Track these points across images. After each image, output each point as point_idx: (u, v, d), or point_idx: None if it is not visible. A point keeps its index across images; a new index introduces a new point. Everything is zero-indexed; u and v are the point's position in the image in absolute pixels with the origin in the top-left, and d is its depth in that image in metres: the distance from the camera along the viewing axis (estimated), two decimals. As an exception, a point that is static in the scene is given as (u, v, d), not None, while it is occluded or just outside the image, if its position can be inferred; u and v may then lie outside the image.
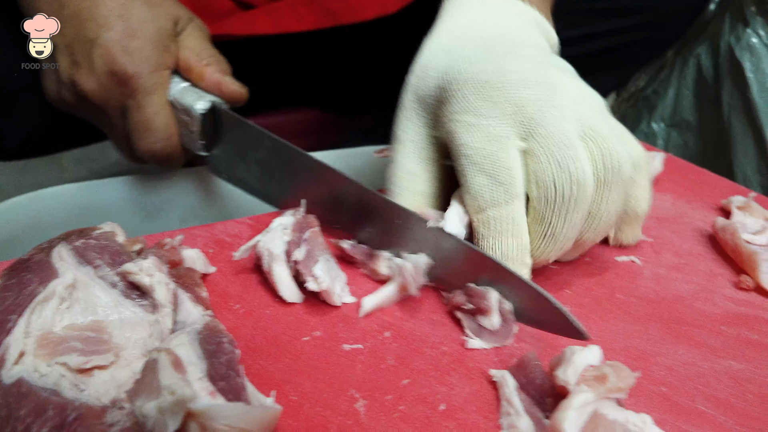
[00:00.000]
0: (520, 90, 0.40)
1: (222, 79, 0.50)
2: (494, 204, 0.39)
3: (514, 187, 0.39)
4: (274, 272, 0.38)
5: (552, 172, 0.38)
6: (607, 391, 0.28)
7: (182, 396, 0.23)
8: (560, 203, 0.39)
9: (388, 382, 0.33)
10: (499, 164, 0.39)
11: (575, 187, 0.38)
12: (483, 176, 0.39)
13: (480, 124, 0.40)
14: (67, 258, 0.34)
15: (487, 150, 0.39)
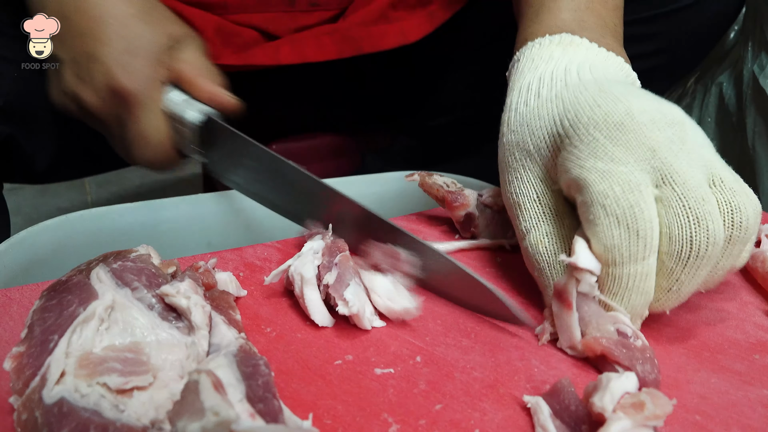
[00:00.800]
0: (653, 132, 0.38)
1: (216, 90, 0.52)
2: (632, 260, 0.36)
3: (653, 241, 0.36)
4: (306, 296, 0.39)
5: (690, 228, 0.36)
6: (644, 419, 0.28)
7: (226, 417, 0.23)
8: (693, 261, 0.36)
9: (421, 406, 0.33)
10: (640, 216, 0.36)
11: (710, 246, 0.36)
12: (621, 229, 0.36)
13: (615, 171, 0.37)
14: (106, 280, 0.34)
15: (627, 200, 0.36)
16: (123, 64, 0.50)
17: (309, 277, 0.39)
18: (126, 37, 0.51)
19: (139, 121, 0.51)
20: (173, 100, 0.52)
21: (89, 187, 1.38)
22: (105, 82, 0.50)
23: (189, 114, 0.51)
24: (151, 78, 0.51)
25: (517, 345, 0.39)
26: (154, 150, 0.53)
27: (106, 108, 0.52)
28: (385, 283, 0.40)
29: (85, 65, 0.51)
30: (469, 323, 0.40)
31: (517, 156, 0.44)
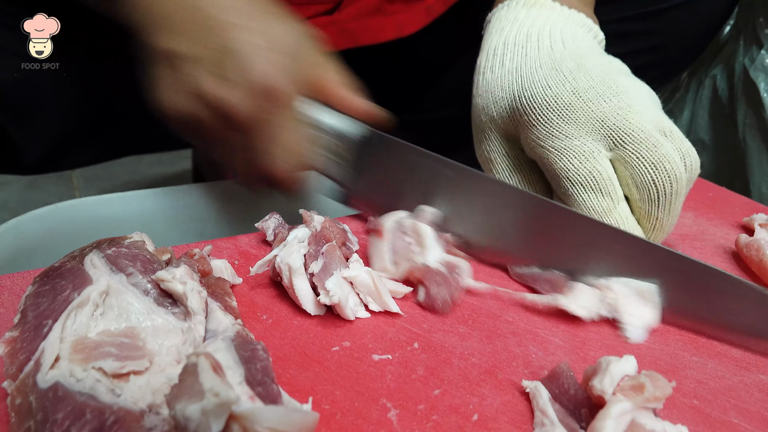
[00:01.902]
0: (599, 105, 0.43)
1: (369, 104, 0.47)
2: (606, 212, 0.43)
3: (617, 192, 0.43)
4: (295, 286, 0.38)
5: (649, 173, 0.42)
6: (644, 401, 0.28)
7: (227, 398, 0.23)
8: (663, 199, 0.42)
9: (419, 392, 0.33)
10: (600, 177, 0.42)
11: (674, 183, 0.42)
12: (588, 192, 0.43)
13: (570, 146, 0.43)
14: (100, 265, 0.34)
15: (585, 168, 0.43)
16: (272, 62, 0.43)
17: (297, 267, 0.38)
18: (265, 31, 0.44)
19: (284, 127, 0.44)
20: (314, 110, 0.46)
21: (77, 181, 1.36)
22: (250, 79, 0.42)
23: (353, 128, 0.46)
24: (297, 80, 0.44)
25: (514, 332, 0.38)
26: (293, 161, 0.46)
27: (250, 110, 0.43)
28: (366, 278, 0.38)
29: (223, 61, 0.43)
30: (466, 310, 0.40)
31: (484, 119, 0.48)
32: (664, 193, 0.42)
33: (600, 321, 0.40)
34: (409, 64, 0.84)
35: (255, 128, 0.44)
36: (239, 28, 0.43)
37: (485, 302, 0.41)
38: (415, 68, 0.86)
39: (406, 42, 0.73)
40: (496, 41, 0.48)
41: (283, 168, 0.46)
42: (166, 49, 0.44)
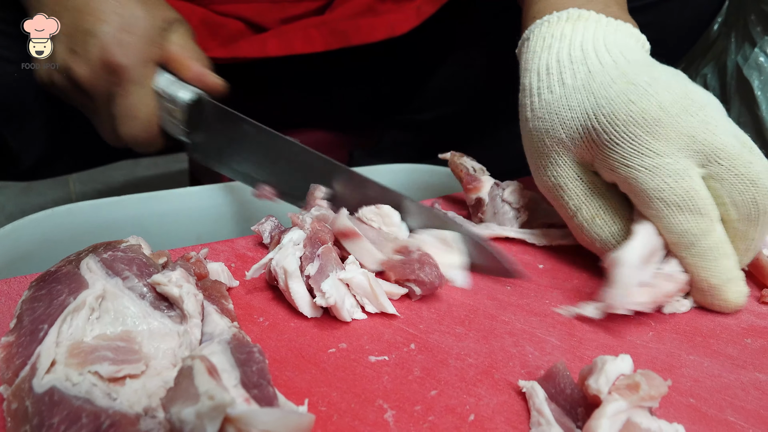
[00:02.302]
0: (687, 120, 0.40)
1: (204, 71, 0.54)
2: (704, 235, 0.40)
3: (714, 213, 0.40)
4: (292, 289, 0.38)
5: (750, 191, 0.40)
6: (639, 400, 0.28)
7: (221, 401, 0.23)
8: (762, 218, 0.40)
9: (416, 393, 0.33)
10: (697, 197, 0.40)
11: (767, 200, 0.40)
12: (684, 214, 0.40)
13: (663, 164, 0.40)
14: (96, 269, 0.34)
15: (680, 187, 0.39)
16: (119, 41, 0.51)
17: (292, 270, 0.38)
18: (123, 15, 0.51)
19: (129, 96, 0.52)
20: (163, 80, 0.53)
21: (73, 185, 1.36)
22: (99, 56, 0.51)
23: (179, 92, 0.52)
24: (144, 56, 0.52)
25: (511, 332, 0.39)
26: (141, 126, 0.54)
27: (98, 82, 0.52)
28: (362, 280, 0.39)
29: (81, 39, 0.51)
30: (462, 311, 0.40)
31: (548, 143, 0.45)
32: (765, 212, 0.40)
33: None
34: (401, 64, 0.84)
35: (104, 98, 0.53)
36: (97, 11, 0.51)
37: (482, 302, 0.42)
38: (407, 68, 0.86)
39: (397, 42, 0.73)
40: (547, 59, 0.46)
41: (133, 131, 0.54)
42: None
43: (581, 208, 0.45)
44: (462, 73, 0.86)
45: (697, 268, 0.41)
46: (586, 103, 0.43)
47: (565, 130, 0.44)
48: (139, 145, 0.55)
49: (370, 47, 0.72)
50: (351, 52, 0.73)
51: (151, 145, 0.56)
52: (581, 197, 0.45)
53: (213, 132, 0.54)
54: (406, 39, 0.73)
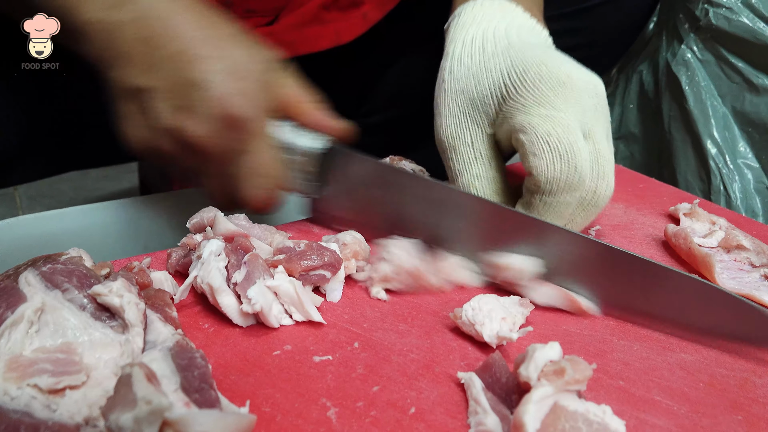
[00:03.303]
0: (584, 97, 0.46)
1: (327, 117, 0.48)
2: (567, 189, 0.44)
3: (585, 176, 0.44)
4: (221, 303, 0.38)
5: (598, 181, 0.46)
6: (565, 384, 0.30)
7: (159, 405, 0.24)
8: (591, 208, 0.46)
9: (359, 390, 0.34)
10: (578, 153, 0.44)
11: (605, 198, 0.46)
12: (562, 163, 0.43)
13: (557, 116, 0.44)
14: (35, 283, 0.34)
15: (567, 139, 0.44)
16: (235, 90, 0.43)
17: (218, 285, 0.38)
18: (228, 60, 0.44)
19: (255, 152, 0.45)
20: (284, 130, 0.47)
21: (20, 200, 1.33)
22: (218, 111, 0.43)
23: (308, 142, 0.47)
24: (263, 104, 0.45)
25: (452, 326, 0.40)
26: (267, 185, 0.46)
27: (220, 140, 0.44)
28: (288, 288, 0.38)
29: (188, 93, 0.43)
30: (406, 309, 0.42)
31: (460, 102, 0.49)
32: (596, 202, 0.46)
33: (534, 313, 0.42)
34: (348, 70, 0.85)
35: (224, 157, 0.45)
36: (199, 59, 0.43)
37: (424, 300, 0.43)
38: (354, 74, 0.87)
39: (344, 49, 0.74)
40: (474, 32, 0.50)
41: (257, 192, 0.46)
42: (128, 84, 0.44)
43: (463, 172, 0.49)
44: (410, 77, 0.87)
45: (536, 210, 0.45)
46: (502, 65, 0.47)
47: (478, 89, 0.48)
48: (264, 205, 0.48)
49: (318, 55, 0.72)
50: (298, 60, 0.74)
51: (276, 205, 0.49)
52: (466, 162, 0.49)
53: (341, 182, 0.48)
54: (353, 45, 0.74)
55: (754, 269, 0.48)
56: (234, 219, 0.44)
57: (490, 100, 0.48)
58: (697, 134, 0.75)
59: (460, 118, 0.49)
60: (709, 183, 0.75)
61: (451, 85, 0.50)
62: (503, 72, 0.47)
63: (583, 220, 0.47)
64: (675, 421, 0.33)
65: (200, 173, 0.48)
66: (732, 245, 0.50)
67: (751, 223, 0.58)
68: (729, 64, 0.74)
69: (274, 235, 0.44)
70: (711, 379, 0.37)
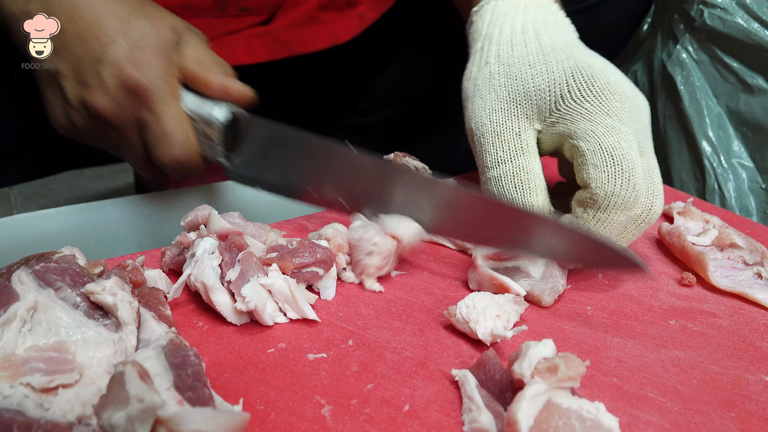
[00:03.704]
0: (642, 113, 0.46)
1: (228, 82, 0.49)
2: (624, 208, 0.43)
3: (641, 197, 0.43)
4: (215, 302, 0.38)
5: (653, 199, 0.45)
6: (559, 381, 0.30)
7: (151, 403, 0.24)
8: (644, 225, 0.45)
9: (353, 387, 0.34)
10: (639, 173, 0.43)
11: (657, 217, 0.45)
12: (623, 179, 0.42)
13: (622, 129, 0.43)
14: (27, 281, 0.34)
15: (632, 156, 0.43)
16: (134, 60, 0.46)
17: (212, 284, 0.38)
18: (130, 34, 0.47)
19: (161, 117, 0.47)
20: (189, 100, 0.49)
21: (15, 199, 1.33)
22: (117, 81, 0.46)
23: (211, 111, 0.48)
24: (165, 72, 0.47)
25: (447, 324, 0.40)
26: (179, 147, 0.48)
27: (122, 109, 0.47)
28: (283, 286, 0.39)
29: (92, 69, 0.46)
30: (400, 307, 0.42)
31: (510, 88, 0.47)
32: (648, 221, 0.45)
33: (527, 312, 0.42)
34: (345, 70, 0.85)
35: (131, 125, 0.48)
36: (100, 35, 0.46)
37: (419, 298, 0.43)
38: (351, 74, 0.87)
39: (340, 49, 0.74)
40: (522, 20, 0.48)
41: (170, 157, 0.48)
42: (48, 69, 0.48)
43: (507, 162, 0.46)
44: (406, 76, 0.88)
45: (585, 225, 0.44)
46: (566, 64, 0.46)
47: (535, 81, 0.46)
48: (181, 169, 0.50)
49: (314, 55, 0.72)
50: (294, 60, 0.74)
51: (194, 168, 0.50)
52: (512, 151, 0.46)
53: (252, 148, 0.49)
54: (350, 45, 0.74)
55: (748, 267, 0.48)
56: (228, 217, 0.44)
57: (546, 95, 0.46)
58: (692, 134, 0.75)
59: (509, 105, 0.47)
60: (704, 182, 0.75)
61: (500, 69, 0.47)
62: (567, 71, 0.45)
63: (634, 236, 0.46)
64: (668, 418, 0.33)
65: (118, 145, 0.51)
66: (725, 243, 0.50)
67: (744, 222, 0.58)
68: (724, 64, 0.74)
69: (268, 233, 0.44)
70: (704, 376, 0.37)
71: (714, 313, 0.43)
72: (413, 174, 0.46)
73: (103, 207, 0.57)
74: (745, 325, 0.42)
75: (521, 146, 0.46)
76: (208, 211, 0.44)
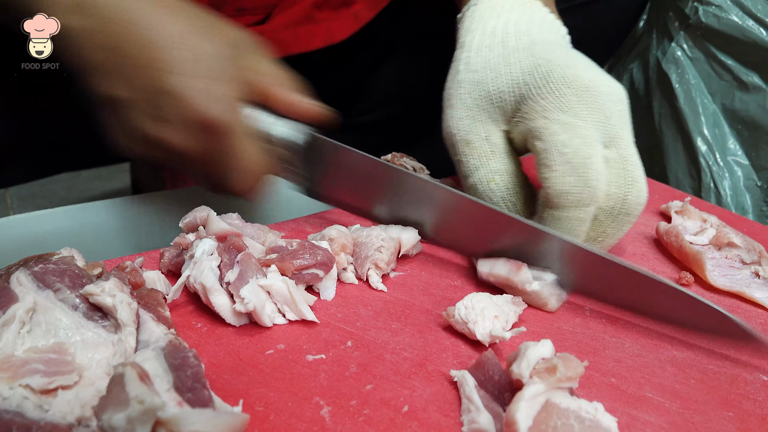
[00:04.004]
0: (608, 103, 0.43)
1: (302, 101, 0.47)
2: (577, 205, 0.42)
3: (598, 193, 0.42)
4: (214, 303, 0.38)
5: (626, 188, 0.43)
6: (557, 381, 0.30)
7: (151, 405, 0.24)
8: (622, 217, 0.43)
9: (352, 388, 0.34)
10: (593, 168, 0.41)
11: (638, 207, 0.43)
12: (574, 177, 0.41)
13: (577, 125, 0.42)
14: (26, 283, 0.34)
15: (585, 152, 0.41)
16: (201, 91, 0.42)
17: (210, 285, 0.38)
18: (190, 58, 0.43)
19: (235, 151, 0.44)
20: (261, 121, 0.46)
21: (11, 201, 1.32)
22: (189, 117, 0.43)
23: (291, 134, 0.46)
24: (233, 99, 0.44)
25: (445, 325, 0.40)
26: (254, 178, 0.47)
27: (196, 144, 0.44)
28: (281, 287, 0.38)
29: (158, 102, 0.43)
30: (399, 308, 0.42)
31: (475, 95, 0.47)
32: (627, 212, 0.43)
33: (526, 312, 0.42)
34: (341, 69, 0.85)
35: (206, 158, 0.45)
36: (168, 64, 0.42)
37: (417, 298, 0.43)
38: (347, 73, 0.87)
39: (336, 48, 0.74)
40: (494, 24, 0.48)
41: (244, 185, 0.47)
42: (104, 94, 0.44)
43: (479, 168, 0.46)
44: (402, 75, 0.88)
45: (544, 224, 0.43)
46: (525, 63, 0.45)
47: (495, 83, 0.46)
48: (254, 195, 0.48)
49: (312, 54, 0.72)
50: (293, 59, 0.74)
51: (265, 192, 0.49)
52: (482, 157, 0.46)
53: (324, 168, 0.48)
54: (345, 44, 0.74)
55: (745, 266, 0.49)
56: (227, 218, 0.44)
57: (507, 97, 0.45)
58: (687, 132, 0.75)
59: (474, 111, 0.47)
60: (700, 180, 0.75)
61: (467, 76, 0.48)
62: (525, 70, 0.45)
63: (615, 231, 0.44)
64: (666, 417, 0.33)
65: (189, 172, 0.49)
66: (723, 242, 0.50)
67: (741, 221, 0.59)
68: (719, 61, 0.74)
69: (267, 234, 0.44)
70: (702, 375, 0.37)
71: (711, 312, 0.44)
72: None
73: (101, 208, 0.57)
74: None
75: (491, 150, 0.46)
76: (206, 212, 0.44)
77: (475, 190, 0.47)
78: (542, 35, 0.48)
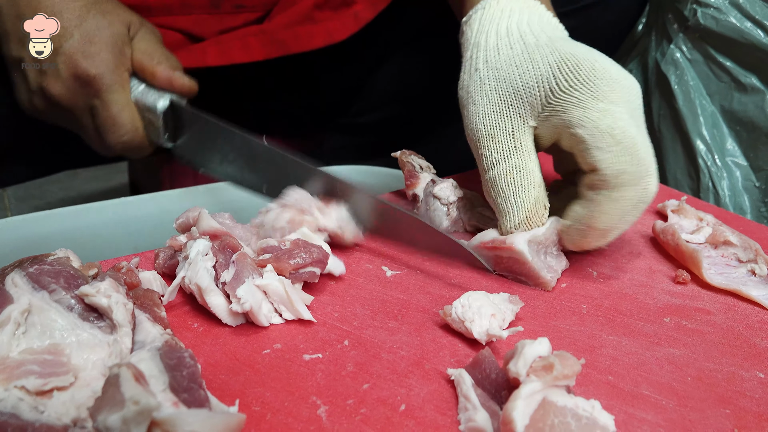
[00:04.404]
0: (631, 95, 0.45)
1: (172, 74, 0.56)
2: (635, 182, 0.43)
3: (651, 169, 0.44)
4: (210, 303, 0.38)
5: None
6: (554, 379, 0.30)
7: (147, 405, 0.23)
8: (642, 205, 0.44)
9: (349, 387, 0.34)
10: (644, 146, 0.43)
11: (652, 197, 0.44)
12: (628, 156, 0.42)
13: (615, 110, 0.43)
14: (21, 284, 0.33)
15: (631, 132, 0.43)
16: (84, 52, 0.53)
17: (206, 285, 0.38)
18: (84, 28, 0.53)
19: (109, 105, 0.54)
20: (137, 89, 0.56)
21: (8, 201, 1.32)
22: (70, 71, 0.53)
23: (152, 100, 0.55)
24: (115, 64, 0.54)
25: (442, 323, 0.40)
26: (128, 133, 0.56)
27: (74, 97, 0.54)
28: (278, 287, 0.39)
29: (49, 59, 0.53)
30: (395, 307, 0.42)
31: (501, 91, 0.48)
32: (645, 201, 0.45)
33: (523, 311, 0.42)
34: (341, 69, 0.85)
35: (83, 110, 0.55)
36: (64, 30, 0.53)
37: (414, 297, 0.43)
38: (347, 73, 0.87)
39: (336, 48, 0.74)
40: (507, 23, 0.50)
41: (121, 137, 0.56)
42: (11, 56, 0.56)
43: (501, 162, 0.47)
44: (404, 75, 0.87)
45: (599, 207, 0.44)
46: (550, 58, 0.46)
47: (523, 79, 0.47)
48: (131, 151, 0.58)
49: (310, 54, 0.72)
50: (290, 59, 0.74)
51: (142, 150, 0.58)
52: (505, 152, 0.47)
53: (192, 135, 0.56)
54: (345, 44, 0.74)
55: (741, 264, 0.49)
56: (218, 217, 0.44)
57: (536, 92, 0.46)
58: (686, 133, 0.75)
59: (500, 107, 0.48)
60: (698, 181, 0.75)
61: (489, 73, 0.49)
62: (552, 64, 0.46)
63: (633, 217, 0.45)
64: (663, 415, 0.33)
65: (75, 127, 0.59)
66: (719, 241, 0.50)
67: (738, 220, 0.59)
68: (717, 63, 0.74)
69: (253, 237, 0.44)
70: (699, 373, 0.37)
71: (708, 310, 0.44)
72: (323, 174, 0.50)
73: (97, 208, 0.57)
74: (740, 322, 0.42)
75: (515, 146, 0.47)
76: (198, 211, 0.44)
77: (493, 184, 0.48)
78: (556, 33, 0.49)
